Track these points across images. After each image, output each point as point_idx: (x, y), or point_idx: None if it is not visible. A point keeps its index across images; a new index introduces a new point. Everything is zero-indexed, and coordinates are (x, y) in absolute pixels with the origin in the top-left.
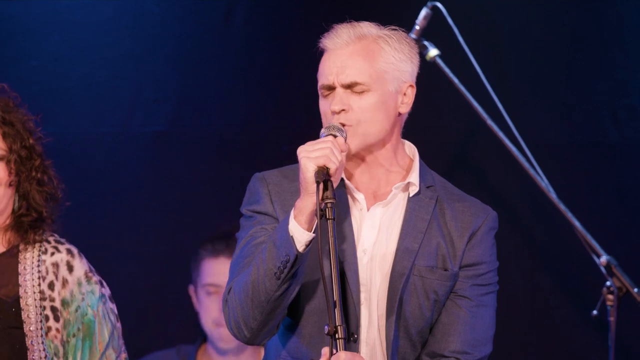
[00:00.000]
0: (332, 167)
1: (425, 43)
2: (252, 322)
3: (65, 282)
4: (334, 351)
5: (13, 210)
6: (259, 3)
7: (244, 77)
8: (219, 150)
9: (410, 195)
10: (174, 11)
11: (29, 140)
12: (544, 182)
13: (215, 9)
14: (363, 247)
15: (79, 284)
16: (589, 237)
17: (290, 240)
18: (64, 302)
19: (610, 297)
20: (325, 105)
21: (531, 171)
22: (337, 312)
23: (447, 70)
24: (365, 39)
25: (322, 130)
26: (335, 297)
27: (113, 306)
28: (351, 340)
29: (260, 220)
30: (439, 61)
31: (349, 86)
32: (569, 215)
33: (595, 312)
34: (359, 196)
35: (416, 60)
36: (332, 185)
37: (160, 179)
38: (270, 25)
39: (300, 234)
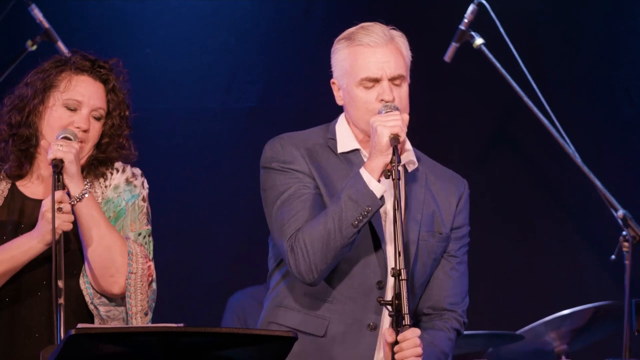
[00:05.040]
0: (403, 136)
1: (473, 33)
2: (323, 264)
3: (108, 187)
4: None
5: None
6: (335, 0)
7: (321, 63)
8: (299, 125)
9: (409, 170)
10: (262, 8)
11: (126, 112)
12: (571, 149)
13: (297, 6)
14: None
15: (116, 187)
16: (608, 195)
17: (372, 194)
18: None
19: (626, 244)
20: (369, 96)
21: (560, 140)
22: (401, 259)
23: (490, 56)
24: (395, 39)
25: (380, 108)
26: (399, 246)
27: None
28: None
29: (298, 178)
30: (484, 49)
31: (394, 78)
32: (592, 176)
33: (613, 257)
34: None
35: None
36: (398, 152)
37: (250, 147)
38: (345, 19)
39: (378, 190)
